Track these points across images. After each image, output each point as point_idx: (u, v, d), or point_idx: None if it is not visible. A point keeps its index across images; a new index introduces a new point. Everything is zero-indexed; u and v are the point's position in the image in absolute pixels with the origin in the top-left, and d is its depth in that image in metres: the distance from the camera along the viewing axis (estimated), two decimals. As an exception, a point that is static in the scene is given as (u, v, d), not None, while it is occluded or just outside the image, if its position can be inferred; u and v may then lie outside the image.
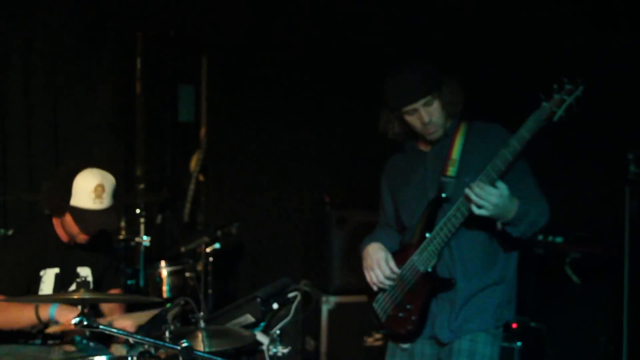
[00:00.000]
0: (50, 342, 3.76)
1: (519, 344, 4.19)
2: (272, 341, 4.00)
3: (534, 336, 4.30)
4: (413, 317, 3.26)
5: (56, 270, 3.73)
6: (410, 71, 3.26)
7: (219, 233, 5.39)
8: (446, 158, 3.28)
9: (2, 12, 5.40)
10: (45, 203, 3.70)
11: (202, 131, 6.71)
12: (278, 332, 4.09)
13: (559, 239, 4.32)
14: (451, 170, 3.25)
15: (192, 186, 6.57)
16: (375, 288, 3.38)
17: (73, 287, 3.75)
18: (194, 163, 6.61)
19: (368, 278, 3.39)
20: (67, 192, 3.59)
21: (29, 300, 3.64)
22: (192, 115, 6.93)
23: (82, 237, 3.70)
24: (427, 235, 3.23)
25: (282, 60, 5.84)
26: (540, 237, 4.36)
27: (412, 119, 3.27)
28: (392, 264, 3.32)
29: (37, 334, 3.74)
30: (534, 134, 3.04)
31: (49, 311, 3.52)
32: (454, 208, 3.16)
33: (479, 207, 3.04)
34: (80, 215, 3.59)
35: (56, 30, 5.71)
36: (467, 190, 3.07)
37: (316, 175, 5.78)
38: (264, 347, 4.04)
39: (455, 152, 3.27)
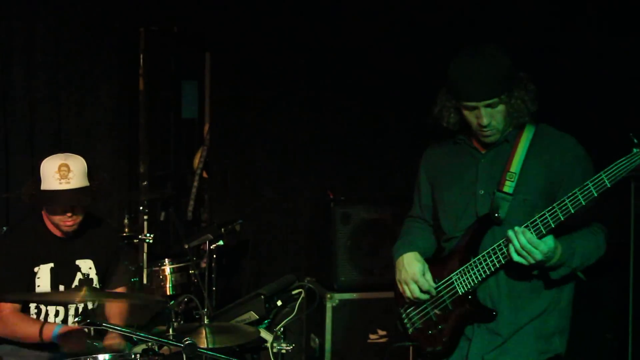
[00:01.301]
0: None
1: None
2: (276, 338, 3.99)
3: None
4: (444, 339, 3.02)
5: (50, 265, 3.72)
6: (485, 62, 2.85)
7: (222, 230, 5.37)
8: (504, 169, 2.93)
9: (5, 9, 5.40)
10: (23, 196, 3.72)
11: (206, 128, 6.70)
12: (282, 329, 4.08)
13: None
14: (508, 186, 2.89)
15: (195, 183, 6.56)
16: (408, 301, 3.14)
17: (76, 282, 3.76)
18: (197, 160, 6.60)
19: (402, 291, 3.12)
20: (37, 179, 3.62)
21: (27, 297, 3.64)
22: (196, 111, 6.92)
23: (65, 226, 3.68)
24: (472, 258, 2.94)
25: (285, 56, 5.82)
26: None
27: (469, 115, 2.92)
28: (429, 277, 3.05)
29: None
30: (616, 183, 2.62)
31: (52, 332, 3.53)
32: (506, 238, 2.81)
33: (519, 260, 2.74)
34: (49, 197, 3.61)
35: (59, 27, 5.70)
36: (510, 234, 2.75)
37: (320, 171, 5.76)
38: (268, 344, 4.04)
39: (515, 164, 2.91)
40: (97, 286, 3.79)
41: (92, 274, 3.82)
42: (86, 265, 3.81)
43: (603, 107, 4.51)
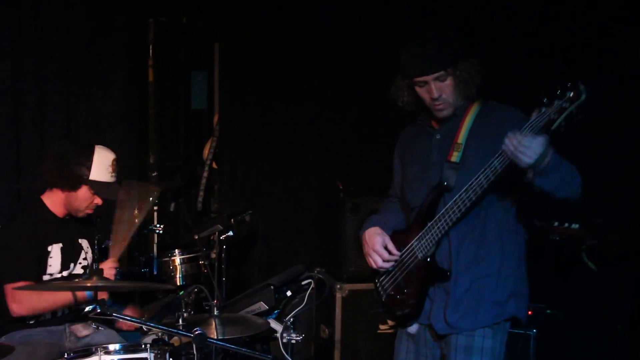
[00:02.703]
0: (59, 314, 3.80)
1: (534, 331, 4.16)
2: (286, 328, 4.00)
3: (550, 323, 4.28)
4: (410, 301, 3.26)
5: (60, 244, 3.87)
6: (429, 41, 3.13)
7: (232, 221, 5.38)
8: (453, 141, 3.19)
9: (14, 1, 5.40)
10: (57, 179, 3.86)
11: (215, 118, 6.70)
12: (292, 319, 4.08)
13: (575, 226, 4.28)
14: (455, 156, 3.16)
15: (205, 174, 6.57)
16: (381, 271, 3.39)
17: (78, 268, 3.79)
18: (207, 151, 6.60)
19: (369, 263, 3.39)
20: (88, 168, 3.83)
21: (42, 287, 3.68)
22: (205, 102, 6.92)
23: (87, 211, 3.92)
24: (428, 223, 3.18)
25: (294, 47, 5.81)
26: (556, 224, 4.33)
27: (421, 91, 3.17)
28: (391, 247, 3.30)
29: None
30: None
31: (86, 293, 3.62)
32: (454, 199, 3.08)
33: (521, 154, 2.82)
34: (100, 187, 3.85)
35: (68, 18, 5.70)
36: (506, 142, 2.86)
37: (329, 162, 5.75)
38: (278, 335, 4.04)
39: (462, 136, 3.17)
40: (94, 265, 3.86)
41: (89, 254, 3.98)
42: (85, 244, 3.99)
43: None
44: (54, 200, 3.89)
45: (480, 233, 3.16)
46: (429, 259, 3.20)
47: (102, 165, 3.89)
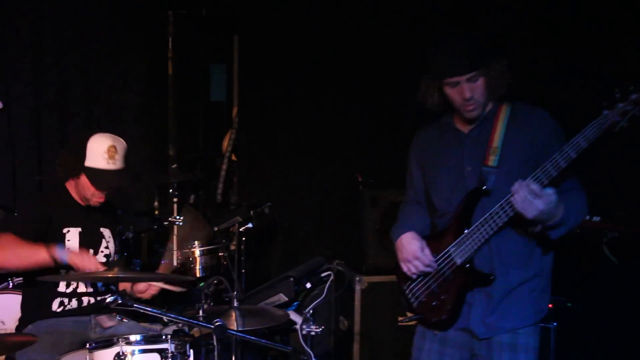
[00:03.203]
0: (84, 305, 3.84)
1: (555, 324, 4.15)
2: (305, 320, 3.99)
3: (570, 316, 4.26)
4: (448, 307, 3.19)
5: (79, 229, 3.86)
6: (461, 41, 3.09)
7: (251, 212, 5.39)
8: (487, 145, 3.12)
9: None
10: (61, 166, 3.86)
11: (234, 111, 6.72)
12: (311, 311, 4.08)
13: (596, 218, 4.25)
14: (492, 160, 3.10)
15: (224, 166, 6.59)
16: (414, 277, 3.29)
17: (102, 249, 3.87)
18: (226, 143, 6.62)
19: (406, 270, 3.28)
20: (82, 154, 3.78)
21: (63, 278, 3.71)
22: (224, 94, 6.94)
23: (95, 200, 3.86)
24: (466, 230, 3.12)
25: (313, 38, 5.80)
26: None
27: (452, 92, 3.10)
28: (428, 252, 3.23)
29: (71, 297, 3.82)
30: (592, 143, 2.87)
31: (58, 253, 3.62)
32: (498, 206, 3.02)
33: (524, 209, 2.91)
34: (95, 175, 3.77)
35: (88, 11, 5.72)
36: (514, 188, 2.93)
37: (348, 154, 5.74)
38: (297, 327, 4.04)
39: (497, 139, 3.11)
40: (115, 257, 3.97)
41: (111, 244, 3.97)
42: (107, 234, 3.97)
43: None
44: (73, 188, 3.91)
45: (525, 234, 3.10)
46: (467, 265, 3.14)
47: (96, 151, 3.77)
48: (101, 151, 3.78)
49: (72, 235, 3.83)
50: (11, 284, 4.43)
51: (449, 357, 3.24)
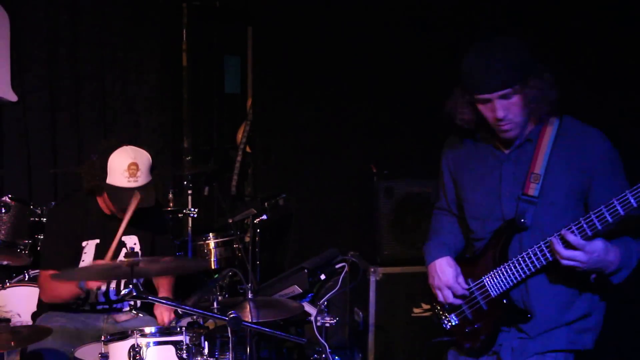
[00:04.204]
0: (99, 307, 3.85)
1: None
2: (320, 312, 3.99)
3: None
4: (482, 337, 3.02)
5: (97, 241, 3.79)
6: (496, 53, 2.73)
7: (266, 204, 5.39)
8: (529, 170, 2.84)
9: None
10: (85, 182, 3.77)
11: (249, 102, 6.71)
12: (326, 303, 4.07)
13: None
14: (533, 188, 2.81)
15: (239, 158, 6.59)
16: (446, 306, 3.14)
17: (122, 257, 3.81)
18: (240, 134, 6.62)
19: (438, 296, 3.12)
20: (103, 171, 3.65)
21: (75, 277, 3.71)
22: (238, 86, 6.94)
23: (121, 215, 3.73)
24: (502, 262, 2.91)
25: (327, 30, 5.77)
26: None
27: (484, 109, 2.81)
28: (462, 280, 3.05)
29: (86, 301, 3.83)
30: None
31: (81, 284, 3.60)
32: (537, 248, 2.79)
33: (566, 260, 2.67)
34: (116, 193, 3.65)
35: (103, 4, 5.73)
36: (552, 240, 2.70)
37: (363, 145, 5.72)
38: (312, 318, 4.04)
39: (540, 165, 2.81)
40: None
41: (137, 249, 3.87)
42: (131, 241, 3.88)
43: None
44: (99, 198, 3.81)
45: (567, 276, 2.82)
46: (505, 300, 2.94)
47: (117, 169, 3.63)
48: (122, 169, 3.63)
49: (89, 248, 3.78)
50: (27, 277, 4.44)
51: None
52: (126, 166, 3.63)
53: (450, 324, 3.14)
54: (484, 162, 2.99)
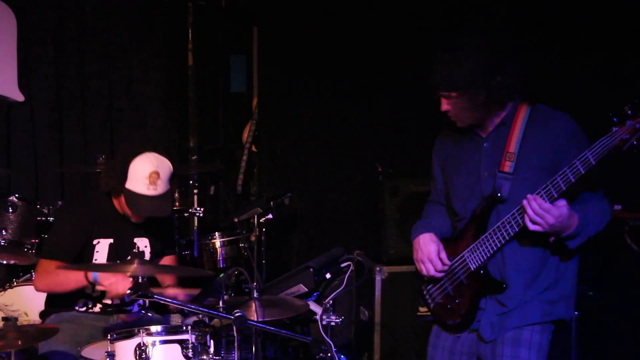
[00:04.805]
0: (109, 309, 3.86)
1: (576, 313, 4.12)
2: (326, 311, 3.99)
3: (592, 305, 4.23)
4: (462, 312, 3.18)
5: (110, 240, 3.80)
6: (452, 58, 3.03)
7: (271, 203, 5.39)
8: (504, 150, 3.08)
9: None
10: (103, 182, 3.77)
11: (254, 102, 6.72)
12: (331, 301, 4.08)
13: (617, 207, 4.21)
14: (509, 166, 3.05)
15: (244, 157, 6.60)
16: (426, 279, 3.30)
17: (129, 257, 3.83)
18: (246, 134, 6.63)
19: (419, 269, 3.28)
20: (123, 175, 3.65)
21: (84, 268, 3.72)
22: (244, 85, 6.94)
23: (134, 220, 3.78)
24: (481, 236, 3.09)
25: (333, 29, 5.78)
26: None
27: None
28: (444, 255, 3.21)
29: (96, 301, 3.83)
30: (600, 160, 2.79)
31: (92, 274, 3.62)
32: (510, 215, 3.00)
33: (534, 223, 2.89)
34: (133, 199, 3.65)
35: (109, 3, 5.75)
36: (524, 203, 2.90)
37: (369, 144, 5.73)
38: (318, 317, 4.04)
39: (514, 144, 3.06)
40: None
41: (147, 252, 3.89)
42: (142, 244, 3.89)
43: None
44: (115, 199, 3.81)
45: (540, 244, 3.05)
46: (482, 271, 3.12)
47: (138, 175, 3.62)
48: (143, 176, 3.62)
49: (102, 247, 3.78)
50: (34, 276, 4.45)
51: (457, 356, 3.23)
52: (147, 174, 3.63)
53: (434, 302, 3.30)
54: (466, 147, 3.24)
